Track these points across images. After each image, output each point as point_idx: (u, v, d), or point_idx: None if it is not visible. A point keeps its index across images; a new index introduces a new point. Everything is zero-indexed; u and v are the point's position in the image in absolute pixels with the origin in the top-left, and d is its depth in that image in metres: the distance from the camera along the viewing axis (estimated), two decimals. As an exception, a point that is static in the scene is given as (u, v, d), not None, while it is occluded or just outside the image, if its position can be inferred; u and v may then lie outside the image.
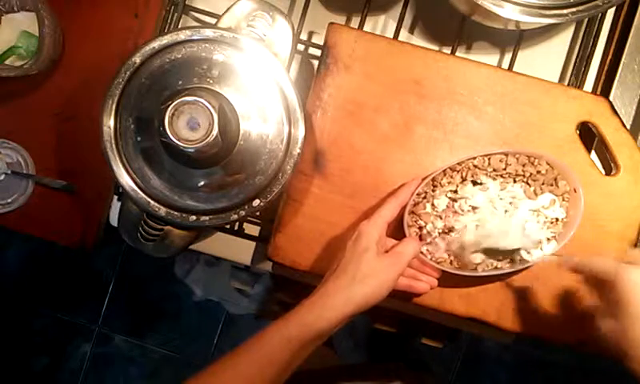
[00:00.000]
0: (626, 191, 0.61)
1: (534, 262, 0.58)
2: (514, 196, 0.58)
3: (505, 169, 0.59)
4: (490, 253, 0.59)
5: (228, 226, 0.71)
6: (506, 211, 0.58)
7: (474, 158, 0.59)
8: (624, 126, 0.61)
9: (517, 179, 0.59)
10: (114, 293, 1.61)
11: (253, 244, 0.73)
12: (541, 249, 0.58)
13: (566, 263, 0.54)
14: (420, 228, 0.60)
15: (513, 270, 0.59)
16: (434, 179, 0.59)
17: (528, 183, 0.59)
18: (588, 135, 0.63)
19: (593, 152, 0.64)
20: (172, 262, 1.56)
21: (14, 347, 1.61)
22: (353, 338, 1.54)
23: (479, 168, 0.59)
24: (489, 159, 0.59)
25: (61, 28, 0.70)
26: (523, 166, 0.59)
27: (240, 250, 0.74)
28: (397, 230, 0.59)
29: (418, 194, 0.59)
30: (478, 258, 0.59)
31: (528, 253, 0.58)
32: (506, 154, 0.59)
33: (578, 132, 0.62)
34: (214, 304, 1.58)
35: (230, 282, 1.23)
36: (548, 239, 0.59)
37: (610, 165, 0.63)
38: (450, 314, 0.63)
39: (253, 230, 0.73)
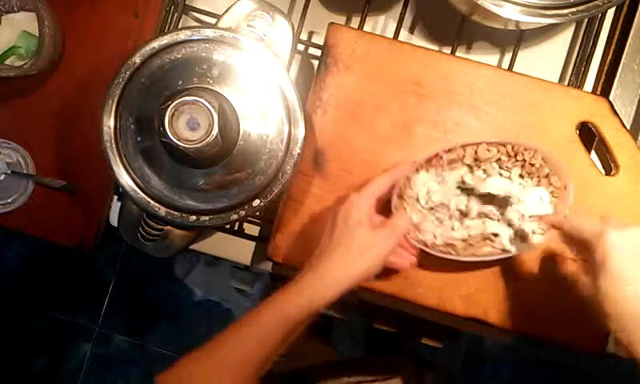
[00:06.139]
0: (626, 191, 0.61)
1: (517, 252, 0.58)
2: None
3: (498, 163, 0.59)
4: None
5: (228, 226, 0.71)
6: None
7: (467, 146, 0.59)
8: (624, 126, 0.61)
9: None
10: (114, 293, 1.61)
11: (253, 244, 0.73)
12: (526, 240, 0.58)
13: (559, 223, 0.54)
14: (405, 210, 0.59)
15: (494, 258, 0.59)
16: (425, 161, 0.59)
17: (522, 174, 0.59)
18: (588, 135, 0.63)
19: (593, 152, 0.64)
20: (172, 262, 1.57)
21: (14, 347, 1.61)
22: (352, 338, 1.53)
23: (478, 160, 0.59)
24: (488, 149, 0.59)
25: (61, 28, 0.70)
26: (515, 156, 0.59)
27: (240, 250, 0.74)
28: (382, 212, 0.59)
29: (407, 178, 0.59)
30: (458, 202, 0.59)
31: (511, 243, 0.58)
32: (504, 145, 0.59)
33: (577, 132, 0.62)
34: (213, 304, 1.58)
35: (230, 282, 1.23)
36: (534, 232, 0.59)
37: (610, 165, 0.63)
38: (450, 314, 0.63)
39: (253, 229, 0.73)
